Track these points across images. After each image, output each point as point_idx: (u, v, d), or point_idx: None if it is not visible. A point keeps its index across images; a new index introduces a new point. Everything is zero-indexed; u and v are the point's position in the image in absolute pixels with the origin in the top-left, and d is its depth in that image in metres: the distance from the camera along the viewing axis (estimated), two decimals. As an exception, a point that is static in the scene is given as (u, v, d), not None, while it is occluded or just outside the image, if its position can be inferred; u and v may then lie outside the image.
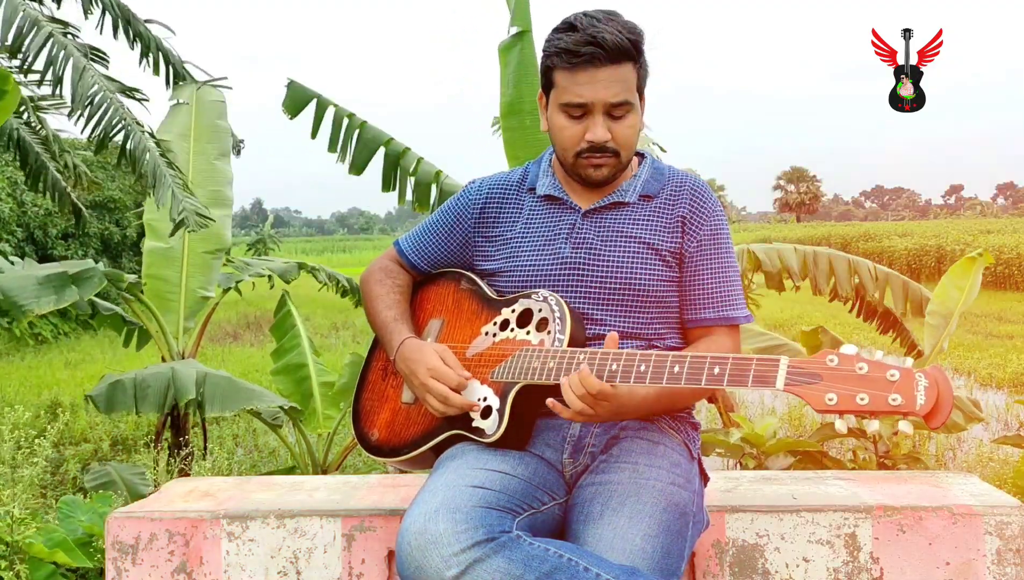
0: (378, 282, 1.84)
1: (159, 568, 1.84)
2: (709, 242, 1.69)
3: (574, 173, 1.68)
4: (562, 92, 1.61)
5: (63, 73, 3.82)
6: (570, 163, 1.66)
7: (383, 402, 1.78)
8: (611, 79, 1.58)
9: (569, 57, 1.57)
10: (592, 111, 1.59)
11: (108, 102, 3.87)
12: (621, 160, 1.65)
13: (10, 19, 3.77)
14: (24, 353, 10.54)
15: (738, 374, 1.34)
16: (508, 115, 3.74)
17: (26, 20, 3.82)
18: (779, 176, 75.03)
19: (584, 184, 1.70)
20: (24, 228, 12.48)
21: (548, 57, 1.63)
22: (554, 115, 1.65)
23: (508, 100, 3.73)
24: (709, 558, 1.81)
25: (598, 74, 1.57)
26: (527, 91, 3.66)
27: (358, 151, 4.02)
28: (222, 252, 5.46)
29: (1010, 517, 1.77)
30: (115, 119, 3.89)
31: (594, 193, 1.72)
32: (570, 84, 1.59)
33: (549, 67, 1.63)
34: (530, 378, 1.52)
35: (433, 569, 1.32)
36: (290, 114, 4.03)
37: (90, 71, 3.88)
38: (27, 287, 3.89)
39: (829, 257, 4.24)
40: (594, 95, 1.58)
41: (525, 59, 3.66)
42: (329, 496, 1.96)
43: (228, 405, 3.66)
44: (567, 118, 1.62)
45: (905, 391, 1.20)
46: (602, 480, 1.53)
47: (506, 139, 3.77)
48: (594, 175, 1.65)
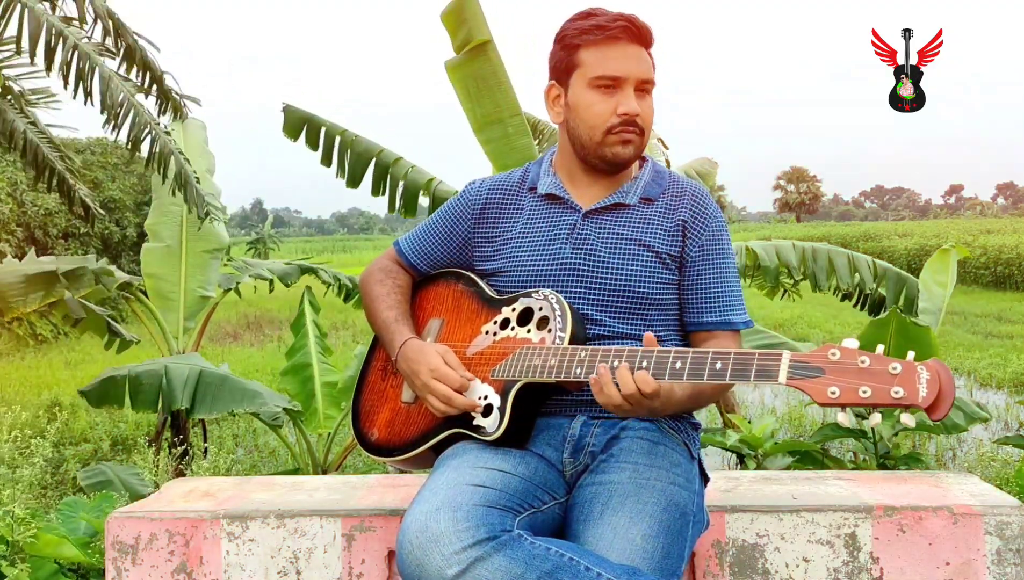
0: (378, 282, 1.84)
1: (159, 568, 1.84)
2: (711, 247, 1.70)
3: (598, 157, 1.67)
4: (593, 67, 1.63)
5: (91, 84, 3.88)
6: (597, 141, 1.65)
7: (383, 402, 1.78)
8: (640, 56, 1.64)
9: (601, 32, 1.61)
10: (624, 85, 1.62)
11: (134, 110, 3.95)
12: (644, 140, 1.67)
13: (36, 31, 3.79)
14: (24, 353, 10.54)
15: (740, 368, 1.34)
16: (485, 127, 3.72)
17: (51, 30, 3.84)
18: (779, 176, 75.06)
19: (606, 169, 1.69)
20: (24, 228, 12.48)
21: (571, 39, 1.65)
22: (581, 94, 1.65)
23: (482, 112, 3.69)
24: (709, 558, 1.82)
25: (629, 49, 1.62)
26: (502, 99, 3.64)
27: (352, 164, 4.12)
28: (220, 251, 5.49)
29: (1010, 517, 1.77)
30: (142, 124, 4.00)
31: (596, 193, 1.72)
32: (602, 59, 1.62)
33: (573, 47, 1.65)
34: (531, 376, 1.52)
35: (434, 567, 1.32)
36: (292, 137, 4.18)
37: (114, 78, 3.95)
38: (15, 283, 3.89)
39: (828, 252, 4.24)
40: (628, 68, 1.62)
41: (492, 68, 3.62)
42: (329, 496, 1.96)
43: (219, 406, 3.64)
44: (598, 93, 1.63)
45: (907, 384, 1.20)
46: (602, 480, 1.53)
47: (489, 152, 3.76)
48: (622, 153, 1.65)
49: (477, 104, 3.69)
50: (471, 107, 3.71)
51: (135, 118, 4.00)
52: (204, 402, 3.64)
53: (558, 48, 1.69)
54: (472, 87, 3.67)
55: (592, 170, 1.72)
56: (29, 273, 3.94)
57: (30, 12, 3.82)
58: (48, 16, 3.88)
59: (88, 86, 3.89)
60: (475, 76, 3.64)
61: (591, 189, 1.73)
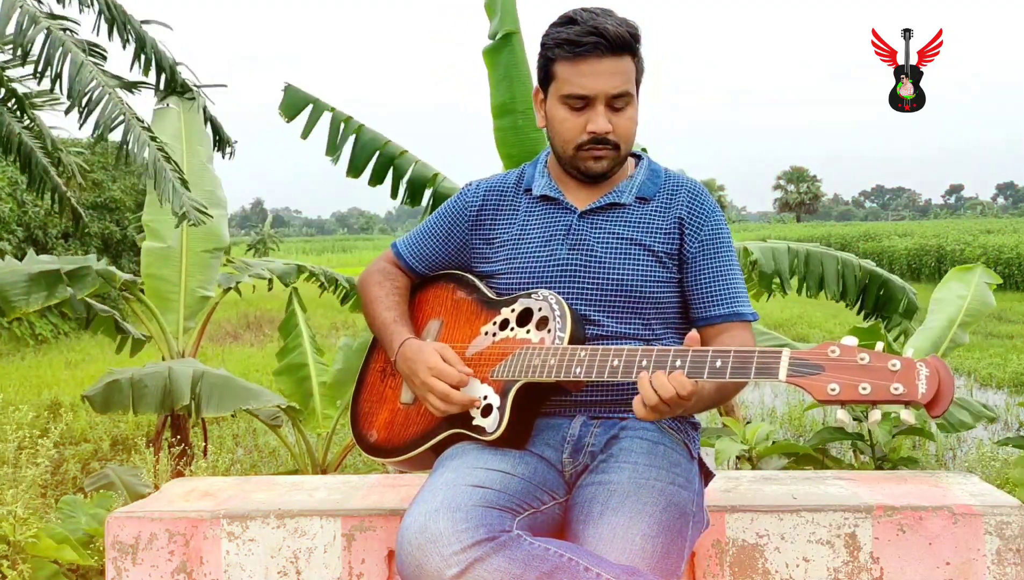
0: (376, 284, 1.84)
1: (159, 568, 1.84)
2: (711, 242, 1.70)
3: (573, 167, 1.68)
4: (563, 84, 1.61)
5: (61, 68, 3.78)
6: (570, 156, 1.66)
7: (382, 403, 1.78)
8: (613, 70, 1.59)
9: (572, 48, 1.58)
10: (594, 103, 1.60)
11: (108, 97, 3.83)
12: (620, 153, 1.66)
13: (7, 14, 3.74)
14: (24, 353, 10.54)
15: (740, 366, 1.34)
16: (500, 116, 3.79)
17: (24, 15, 3.80)
18: (779, 176, 75.08)
19: (583, 179, 1.70)
20: (24, 228, 12.48)
21: (548, 50, 1.64)
22: (554, 108, 1.65)
23: (499, 101, 3.77)
24: (709, 558, 1.82)
25: (600, 65, 1.58)
26: (519, 91, 3.70)
27: (356, 153, 4.07)
28: (220, 251, 5.47)
29: (1010, 517, 1.77)
30: (115, 114, 3.85)
31: (590, 193, 1.72)
32: (572, 75, 1.60)
33: (549, 60, 1.64)
34: (530, 376, 1.52)
35: (433, 568, 1.32)
36: (287, 117, 4.08)
37: (88, 66, 3.84)
38: (17, 283, 3.87)
39: (820, 256, 4.20)
40: (596, 86, 1.59)
41: (515, 60, 3.70)
42: (329, 496, 1.96)
43: (224, 406, 3.65)
44: (568, 110, 1.63)
45: (907, 380, 1.21)
46: (602, 480, 1.53)
47: (498, 139, 3.82)
48: (594, 167, 1.65)
49: (498, 92, 3.77)
50: (494, 93, 3.80)
51: (105, 108, 3.86)
52: (210, 402, 3.65)
53: (540, 54, 1.68)
54: (498, 74, 3.75)
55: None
56: (32, 273, 3.93)
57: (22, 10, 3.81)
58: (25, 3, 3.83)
59: (58, 71, 3.76)
60: (502, 64, 3.73)
61: (586, 190, 1.73)
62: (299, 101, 4.09)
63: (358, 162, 4.06)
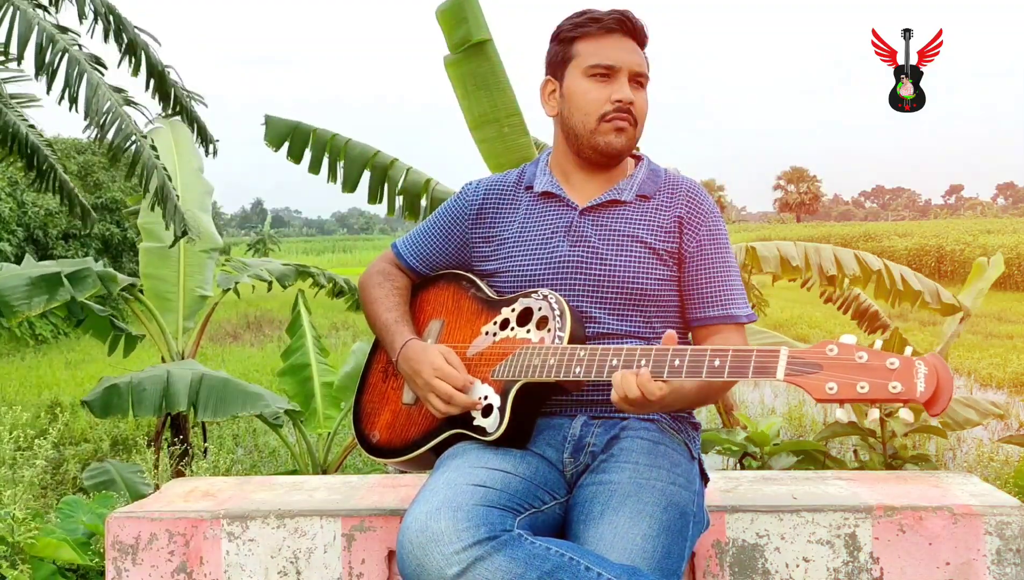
0: (377, 285, 1.84)
1: (159, 568, 1.84)
2: (708, 242, 1.70)
3: (591, 146, 1.69)
4: (588, 57, 1.68)
5: (77, 90, 3.90)
6: (591, 129, 1.68)
7: (384, 403, 1.78)
8: (635, 49, 1.69)
9: (598, 24, 1.67)
10: (618, 74, 1.66)
11: (120, 119, 3.97)
12: (637, 131, 1.70)
13: (25, 34, 3.81)
14: (24, 353, 10.55)
15: (739, 365, 1.34)
16: (480, 126, 3.69)
17: (42, 34, 3.85)
18: (779, 176, 75.09)
19: (597, 160, 1.71)
20: (24, 228, 12.48)
21: (568, 32, 1.70)
22: (576, 83, 1.68)
23: (479, 111, 3.67)
24: (709, 558, 1.82)
25: (625, 43, 1.68)
26: (500, 98, 3.62)
27: (347, 169, 4.08)
28: (216, 250, 5.52)
29: (1010, 517, 1.77)
30: (128, 134, 4.02)
31: (592, 190, 1.73)
32: (598, 48, 1.67)
33: (569, 41, 1.70)
34: (531, 375, 1.52)
35: (434, 567, 1.32)
36: (274, 147, 4.12)
37: (102, 87, 3.97)
38: (19, 287, 3.88)
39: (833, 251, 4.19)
40: (622, 58, 1.67)
41: (492, 67, 3.61)
42: (329, 496, 1.96)
43: (222, 410, 3.65)
44: (594, 81, 1.67)
45: (905, 379, 1.20)
46: (602, 480, 1.53)
47: (483, 150, 3.72)
48: (615, 141, 1.67)
49: (474, 102, 3.67)
50: (468, 105, 3.70)
51: (120, 127, 4.01)
52: (208, 406, 3.64)
53: (554, 44, 1.74)
54: (470, 85, 3.65)
55: (587, 165, 1.73)
56: (32, 276, 3.93)
57: (21, 15, 3.83)
58: (40, 20, 3.89)
59: (75, 92, 3.90)
60: (473, 74, 3.63)
61: (587, 186, 1.74)
62: (282, 129, 4.13)
63: (350, 177, 4.08)
